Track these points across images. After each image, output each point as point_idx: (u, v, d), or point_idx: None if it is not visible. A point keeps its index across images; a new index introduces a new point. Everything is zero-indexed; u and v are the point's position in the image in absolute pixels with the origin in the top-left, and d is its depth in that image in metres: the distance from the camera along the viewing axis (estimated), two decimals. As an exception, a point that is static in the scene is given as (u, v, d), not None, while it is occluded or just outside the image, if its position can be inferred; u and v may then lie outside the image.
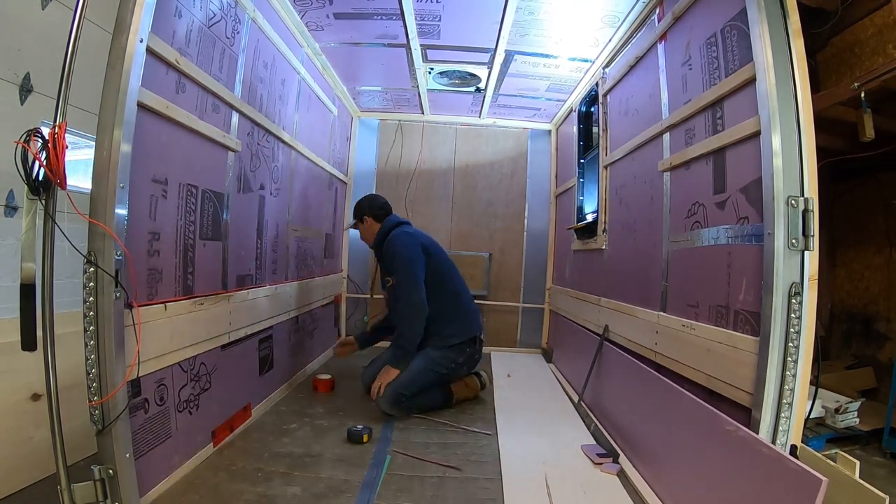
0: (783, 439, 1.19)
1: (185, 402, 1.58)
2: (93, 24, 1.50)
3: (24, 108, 1.60)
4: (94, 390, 1.17)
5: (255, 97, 2.06)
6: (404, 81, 3.20)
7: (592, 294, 2.69)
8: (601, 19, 2.23)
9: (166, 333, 1.45)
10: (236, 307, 1.89)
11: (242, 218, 2.02)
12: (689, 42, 1.71)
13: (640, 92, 2.16)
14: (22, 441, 1.54)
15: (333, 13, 2.30)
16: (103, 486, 1.19)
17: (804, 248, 1.20)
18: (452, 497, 1.52)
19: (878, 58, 2.34)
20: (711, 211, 1.55)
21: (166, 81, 1.44)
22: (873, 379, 2.83)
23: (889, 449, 2.26)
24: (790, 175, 1.21)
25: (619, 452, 1.83)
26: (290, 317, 2.55)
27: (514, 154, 3.98)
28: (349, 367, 3.04)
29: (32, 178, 1.08)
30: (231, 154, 1.86)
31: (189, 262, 1.62)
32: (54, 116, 1.11)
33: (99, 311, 1.17)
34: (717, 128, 1.52)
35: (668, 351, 1.72)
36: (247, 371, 2.07)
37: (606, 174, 2.60)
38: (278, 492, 1.49)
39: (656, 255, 1.91)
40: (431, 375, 2.30)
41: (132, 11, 1.21)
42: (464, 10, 2.23)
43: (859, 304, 3.06)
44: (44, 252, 1.12)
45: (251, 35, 1.96)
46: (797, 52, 1.23)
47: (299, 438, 1.92)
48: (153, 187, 1.42)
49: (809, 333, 1.19)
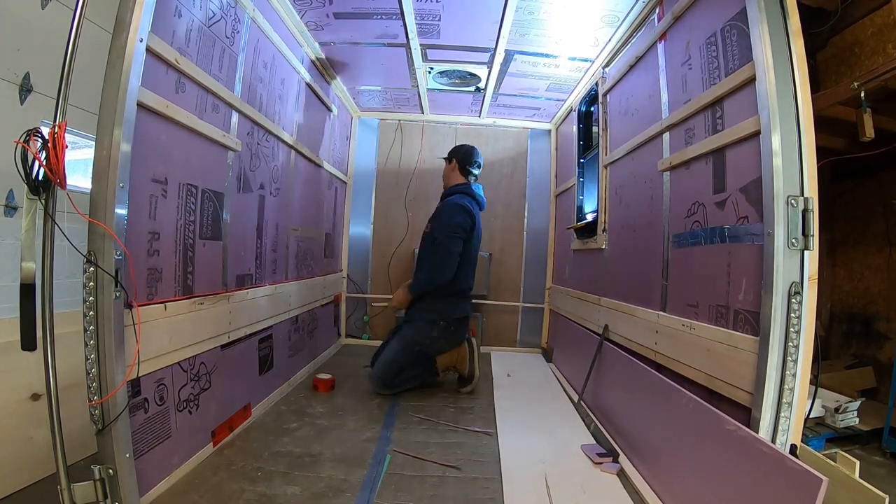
0: (783, 439, 1.19)
1: (184, 401, 1.58)
2: (93, 23, 1.50)
3: (24, 108, 1.60)
4: (94, 390, 1.17)
5: (254, 97, 2.06)
6: (404, 81, 3.19)
7: (592, 294, 2.69)
8: (601, 19, 2.23)
9: (166, 333, 1.45)
10: (236, 307, 1.90)
11: (242, 217, 2.02)
12: (688, 42, 1.71)
13: (640, 92, 2.16)
14: (22, 441, 1.53)
15: (333, 13, 2.30)
16: (103, 485, 1.19)
17: (804, 248, 1.20)
18: (452, 497, 1.52)
19: (878, 57, 2.34)
20: (711, 211, 1.55)
21: (166, 81, 1.44)
22: (873, 379, 2.83)
23: (889, 448, 2.26)
24: (790, 175, 1.21)
25: (619, 452, 1.83)
26: (289, 316, 2.55)
27: (514, 154, 3.98)
28: (349, 366, 3.05)
29: (32, 178, 1.08)
30: (231, 154, 1.86)
31: (189, 261, 1.62)
32: (54, 116, 1.11)
33: (99, 310, 1.18)
34: (717, 127, 1.52)
35: (668, 350, 1.72)
36: (247, 371, 2.07)
37: (606, 174, 2.60)
38: (278, 491, 1.49)
39: (656, 254, 1.91)
40: (410, 353, 2.56)
41: (132, 11, 1.21)
42: (464, 9, 2.23)
43: (859, 304, 3.06)
44: (44, 252, 1.13)
45: (251, 35, 1.96)
46: (797, 52, 1.23)
47: (299, 438, 1.92)
48: (153, 187, 1.42)
49: (809, 333, 1.20)
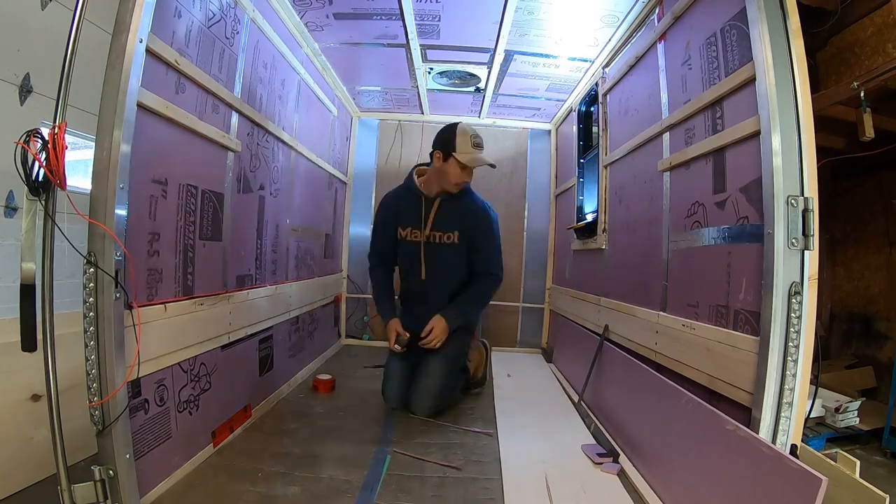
0: (783, 439, 1.19)
1: (185, 402, 1.58)
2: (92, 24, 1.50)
3: (24, 109, 1.60)
4: (94, 391, 1.17)
5: (254, 97, 2.06)
6: (404, 81, 3.19)
7: (592, 294, 2.69)
8: (601, 19, 2.23)
9: (166, 334, 1.45)
10: (236, 307, 1.89)
11: (242, 218, 2.02)
12: (688, 42, 1.71)
13: (640, 92, 2.15)
14: (22, 441, 1.53)
15: (333, 13, 2.30)
16: (103, 486, 1.19)
17: (804, 248, 1.20)
18: (452, 497, 1.52)
19: (877, 57, 2.34)
20: (711, 210, 1.55)
21: (166, 82, 1.44)
22: (873, 378, 2.83)
23: (889, 448, 2.26)
24: (790, 174, 1.21)
25: (619, 452, 1.83)
26: (290, 317, 2.55)
27: (514, 154, 3.97)
28: (349, 367, 3.05)
29: (32, 179, 1.08)
30: (231, 154, 1.86)
31: (189, 262, 1.62)
32: (54, 117, 1.11)
33: (99, 311, 1.17)
34: (717, 127, 1.52)
35: (668, 351, 1.72)
36: (247, 371, 2.07)
37: (606, 174, 2.60)
38: (278, 492, 1.49)
39: (656, 254, 1.91)
40: (457, 372, 2.44)
41: (132, 11, 1.21)
42: (463, 9, 2.23)
43: (859, 303, 3.06)
44: (44, 252, 1.12)
45: (251, 35, 1.96)
46: (797, 52, 1.23)
47: (299, 438, 1.92)
48: (153, 187, 1.42)
49: (809, 333, 1.19)
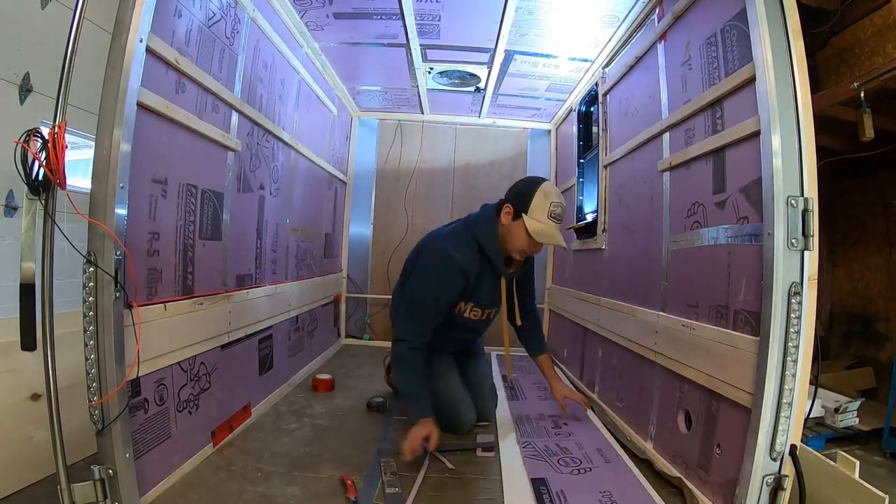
0: (783, 439, 1.19)
1: (184, 401, 1.58)
2: (93, 24, 1.50)
3: (24, 108, 1.60)
4: (94, 390, 1.17)
5: (254, 97, 2.06)
6: (404, 81, 3.19)
7: (592, 294, 2.69)
8: (601, 19, 2.23)
9: (166, 333, 1.45)
10: (236, 307, 1.89)
11: (242, 218, 2.02)
12: (688, 42, 1.71)
13: (640, 92, 2.15)
14: (22, 441, 1.53)
15: (333, 13, 2.30)
16: (103, 486, 1.19)
17: (804, 248, 1.19)
18: (453, 497, 1.52)
19: (877, 58, 2.34)
20: (711, 211, 1.55)
21: (166, 81, 1.44)
22: (873, 379, 2.83)
23: (889, 449, 2.26)
24: (790, 175, 1.20)
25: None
26: (289, 316, 2.55)
27: (514, 154, 3.98)
28: (349, 367, 3.05)
29: (32, 178, 1.08)
30: (231, 154, 1.86)
31: (189, 261, 1.62)
32: (54, 116, 1.11)
33: (99, 311, 1.17)
34: (717, 128, 1.52)
35: (667, 351, 1.72)
36: (246, 371, 2.07)
37: (606, 174, 2.60)
38: (278, 492, 1.49)
39: (656, 254, 1.91)
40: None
41: (132, 11, 1.21)
42: (463, 9, 2.23)
43: (859, 304, 3.06)
44: (43, 252, 1.12)
45: (251, 35, 1.96)
46: (797, 53, 1.23)
47: (299, 438, 1.91)
48: (153, 187, 1.42)
49: (809, 333, 1.19)
